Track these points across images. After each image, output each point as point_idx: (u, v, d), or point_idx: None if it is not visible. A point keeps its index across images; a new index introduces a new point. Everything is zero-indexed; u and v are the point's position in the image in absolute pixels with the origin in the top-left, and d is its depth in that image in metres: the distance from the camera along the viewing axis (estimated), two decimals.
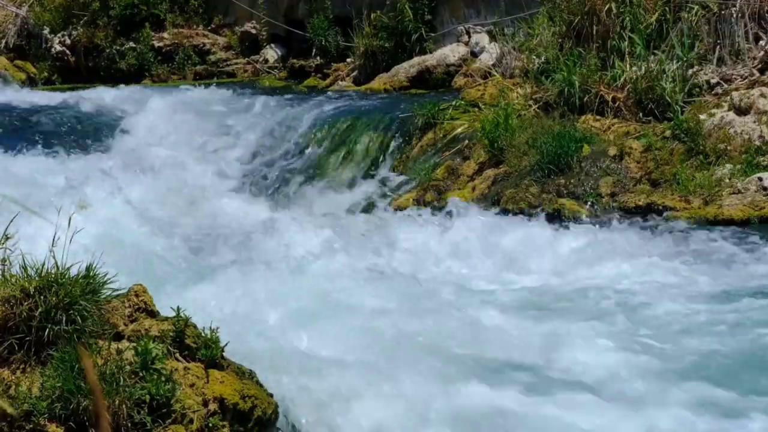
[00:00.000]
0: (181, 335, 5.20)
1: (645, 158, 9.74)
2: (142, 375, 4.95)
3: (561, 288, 7.77)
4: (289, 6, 16.31)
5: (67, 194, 9.29)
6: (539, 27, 11.97)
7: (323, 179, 11.63)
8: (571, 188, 9.61)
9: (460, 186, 10.41)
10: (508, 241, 8.71)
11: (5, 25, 17.63)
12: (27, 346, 4.96)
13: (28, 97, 14.51)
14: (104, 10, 16.83)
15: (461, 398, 5.61)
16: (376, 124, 12.00)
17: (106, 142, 12.73)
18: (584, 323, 6.76)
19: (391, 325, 6.44)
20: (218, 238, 9.41)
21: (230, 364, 5.38)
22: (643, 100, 10.47)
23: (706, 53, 10.85)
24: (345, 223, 9.95)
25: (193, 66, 16.55)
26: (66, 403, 4.75)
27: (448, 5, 14.47)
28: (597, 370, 6.06)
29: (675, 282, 7.73)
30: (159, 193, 10.70)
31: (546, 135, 9.95)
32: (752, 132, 9.54)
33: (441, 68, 13.83)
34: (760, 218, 8.77)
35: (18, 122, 13.01)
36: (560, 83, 10.85)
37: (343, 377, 5.70)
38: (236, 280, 7.27)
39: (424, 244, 8.93)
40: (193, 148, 12.46)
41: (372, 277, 7.90)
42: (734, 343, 6.42)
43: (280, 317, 6.59)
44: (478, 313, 6.86)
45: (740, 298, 7.24)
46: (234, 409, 5.14)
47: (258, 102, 13.44)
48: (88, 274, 5.12)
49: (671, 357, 6.26)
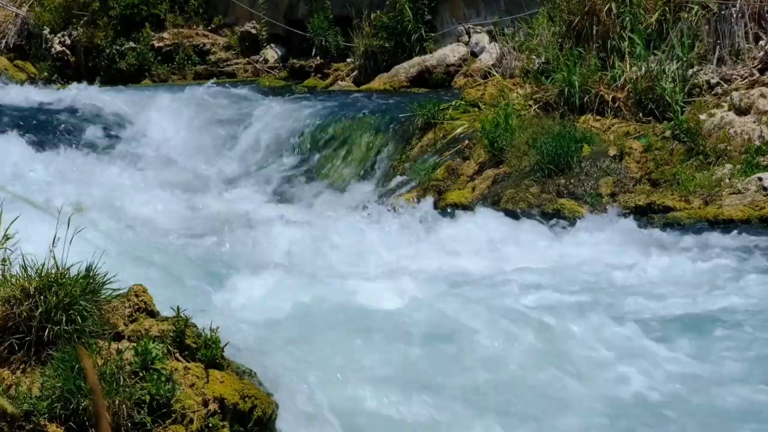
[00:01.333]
0: (181, 335, 5.20)
1: (645, 158, 9.74)
2: (142, 375, 4.94)
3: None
4: (289, 6, 16.31)
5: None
6: (539, 27, 11.97)
7: (323, 179, 11.63)
8: (571, 188, 9.61)
9: (460, 186, 10.41)
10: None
11: (5, 25, 17.63)
12: (27, 346, 4.96)
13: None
14: (104, 10, 16.84)
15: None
16: (376, 124, 12.00)
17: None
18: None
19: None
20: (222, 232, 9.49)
21: (230, 364, 5.38)
22: (643, 100, 10.47)
23: (706, 53, 10.85)
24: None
25: (193, 66, 16.56)
26: (66, 403, 4.74)
27: (448, 5, 14.47)
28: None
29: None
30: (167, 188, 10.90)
31: (546, 135, 9.95)
32: (752, 132, 9.54)
33: (441, 68, 13.83)
34: (760, 218, 8.77)
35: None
36: (560, 83, 10.85)
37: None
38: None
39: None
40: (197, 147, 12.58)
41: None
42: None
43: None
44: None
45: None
46: (234, 409, 5.14)
47: (258, 101, 13.45)
48: (88, 274, 5.12)
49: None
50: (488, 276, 8.12)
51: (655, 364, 6.11)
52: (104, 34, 16.80)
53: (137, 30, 16.76)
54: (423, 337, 6.13)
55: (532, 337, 6.21)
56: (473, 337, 6.15)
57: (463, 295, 7.25)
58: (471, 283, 7.88)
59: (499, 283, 7.76)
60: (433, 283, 7.58)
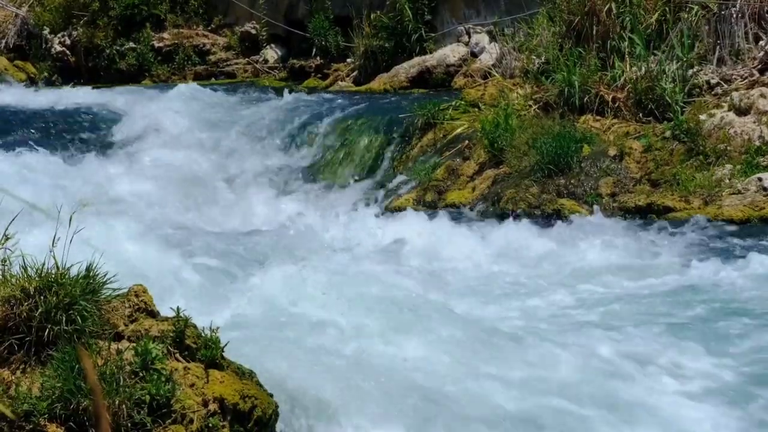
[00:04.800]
0: (181, 335, 5.20)
1: (645, 158, 9.74)
2: (142, 375, 4.94)
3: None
4: (289, 6, 16.31)
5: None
6: (539, 27, 11.97)
7: (323, 179, 11.63)
8: (571, 188, 9.61)
9: (460, 186, 10.41)
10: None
11: (5, 25, 17.62)
12: (27, 347, 4.95)
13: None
14: (104, 11, 16.82)
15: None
16: (376, 124, 11.99)
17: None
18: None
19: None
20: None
21: (230, 365, 5.38)
22: (643, 100, 10.47)
23: (706, 53, 10.85)
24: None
25: (193, 66, 16.55)
26: (66, 404, 4.74)
27: (448, 5, 14.46)
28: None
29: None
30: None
31: (546, 135, 9.96)
32: (752, 132, 9.54)
33: (441, 68, 13.82)
34: (760, 218, 8.77)
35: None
36: (560, 83, 10.85)
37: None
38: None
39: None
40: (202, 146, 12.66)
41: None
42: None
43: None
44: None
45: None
46: (234, 410, 5.14)
47: (258, 102, 13.45)
48: (88, 274, 5.11)
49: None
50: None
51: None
52: (104, 34, 16.79)
53: (137, 30, 16.76)
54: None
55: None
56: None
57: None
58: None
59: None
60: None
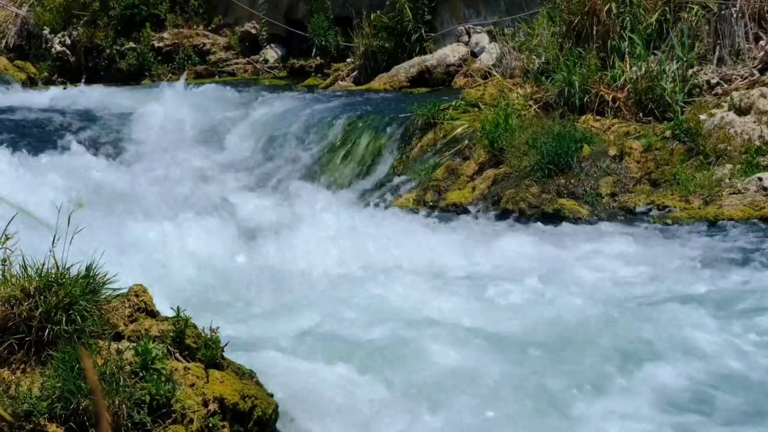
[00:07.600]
0: (181, 335, 5.20)
1: (645, 158, 9.74)
2: (142, 375, 4.94)
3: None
4: (289, 6, 16.31)
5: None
6: (539, 27, 11.97)
7: (323, 179, 11.62)
8: (571, 188, 9.61)
9: (460, 186, 10.41)
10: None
11: (5, 25, 17.63)
12: (27, 346, 4.95)
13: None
14: (104, 10, 16.84)
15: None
16: (376, 124, 11.99)
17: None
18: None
19: None
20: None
21: (230, 364, 5.38)
22: (643, 100, 10.46)
23: (706, 53, 10.85)
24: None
25: (193, 66, 16.56)
26: (66, 404, 4.75)
27: (448, 5, 14.46)
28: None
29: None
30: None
31: (546, 135, 9.95)
32: (752, 132, 9.54)
33: (441, 68, 13.83)
34: (760, 218, 8.77)
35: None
36: (560, 83, 10.85)
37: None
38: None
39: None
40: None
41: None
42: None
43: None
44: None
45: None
46: (234, 409, 5.14)
47: (258, 102, 13.45)
48: (88, 274, 5.11)
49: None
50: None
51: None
52: (104, 34, 16.80)
53: (137, 30, 16.76)
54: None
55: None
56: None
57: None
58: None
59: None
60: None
